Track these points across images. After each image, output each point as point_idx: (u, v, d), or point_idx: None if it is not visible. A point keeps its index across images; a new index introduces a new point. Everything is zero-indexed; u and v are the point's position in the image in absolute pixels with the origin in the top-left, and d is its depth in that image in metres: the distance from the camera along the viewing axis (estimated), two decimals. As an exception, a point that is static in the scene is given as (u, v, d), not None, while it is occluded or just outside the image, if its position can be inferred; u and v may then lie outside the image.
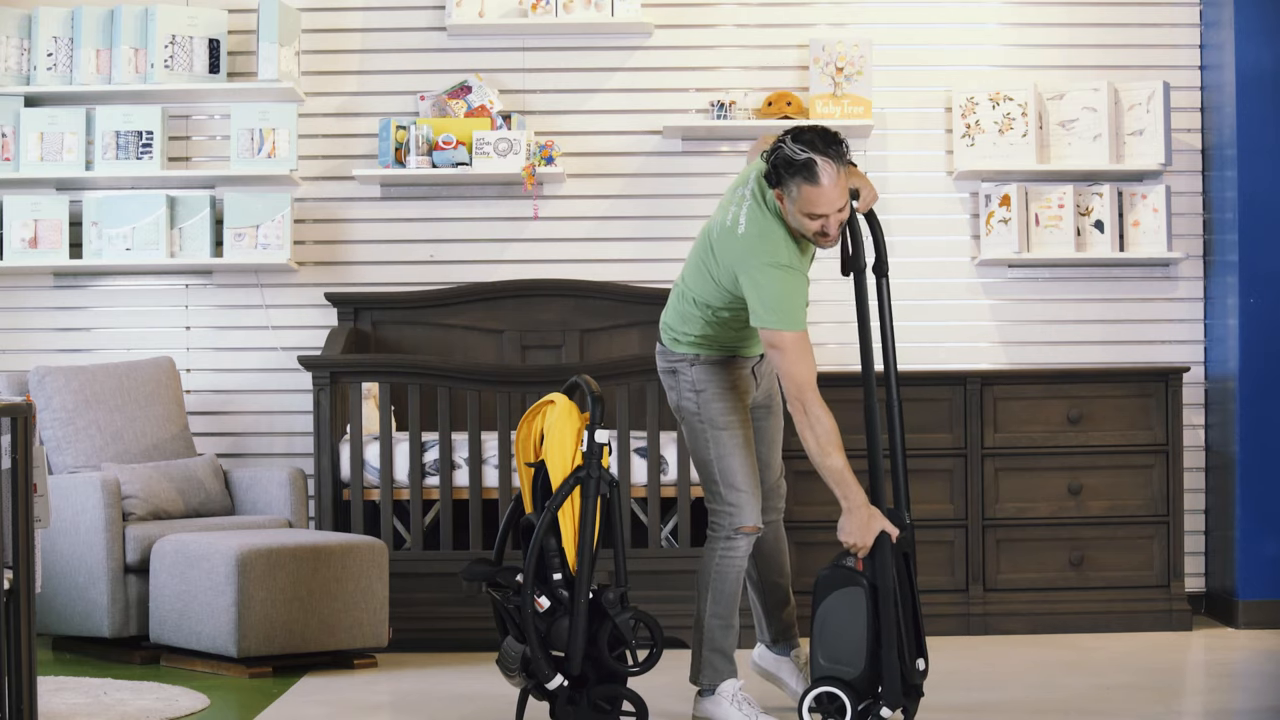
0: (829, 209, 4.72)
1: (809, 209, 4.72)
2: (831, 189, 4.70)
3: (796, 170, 4.69)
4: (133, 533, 6.28)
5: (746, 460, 5.04)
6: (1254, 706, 5.52)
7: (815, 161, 4.68)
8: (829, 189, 4.69)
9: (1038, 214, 7.26)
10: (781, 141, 4.75)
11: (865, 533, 4.73)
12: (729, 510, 5.04)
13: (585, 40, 7.38)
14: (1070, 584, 6.91)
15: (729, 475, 5.03)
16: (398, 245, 7.37)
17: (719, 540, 5.06)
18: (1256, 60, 7.04)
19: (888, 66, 7.35)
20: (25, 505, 4.37)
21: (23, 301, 7.34)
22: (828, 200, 4.70)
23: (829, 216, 4.74)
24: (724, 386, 5.06)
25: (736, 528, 5.04)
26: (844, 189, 4.73)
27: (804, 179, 4.69)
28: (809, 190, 4.69)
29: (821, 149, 4.69)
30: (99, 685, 5.71)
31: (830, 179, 4.69)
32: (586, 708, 4.84)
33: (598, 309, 7.25)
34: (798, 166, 4.69)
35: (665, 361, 5.16)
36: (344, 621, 6.11)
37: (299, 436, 7.31)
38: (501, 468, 6.63)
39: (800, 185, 4.70)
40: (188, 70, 7.13)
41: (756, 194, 4.89)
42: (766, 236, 4.83)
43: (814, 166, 4.68)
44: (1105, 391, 6.94)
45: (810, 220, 4.75)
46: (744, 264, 4.83)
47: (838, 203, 4.72)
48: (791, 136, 4.74)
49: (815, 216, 4.74)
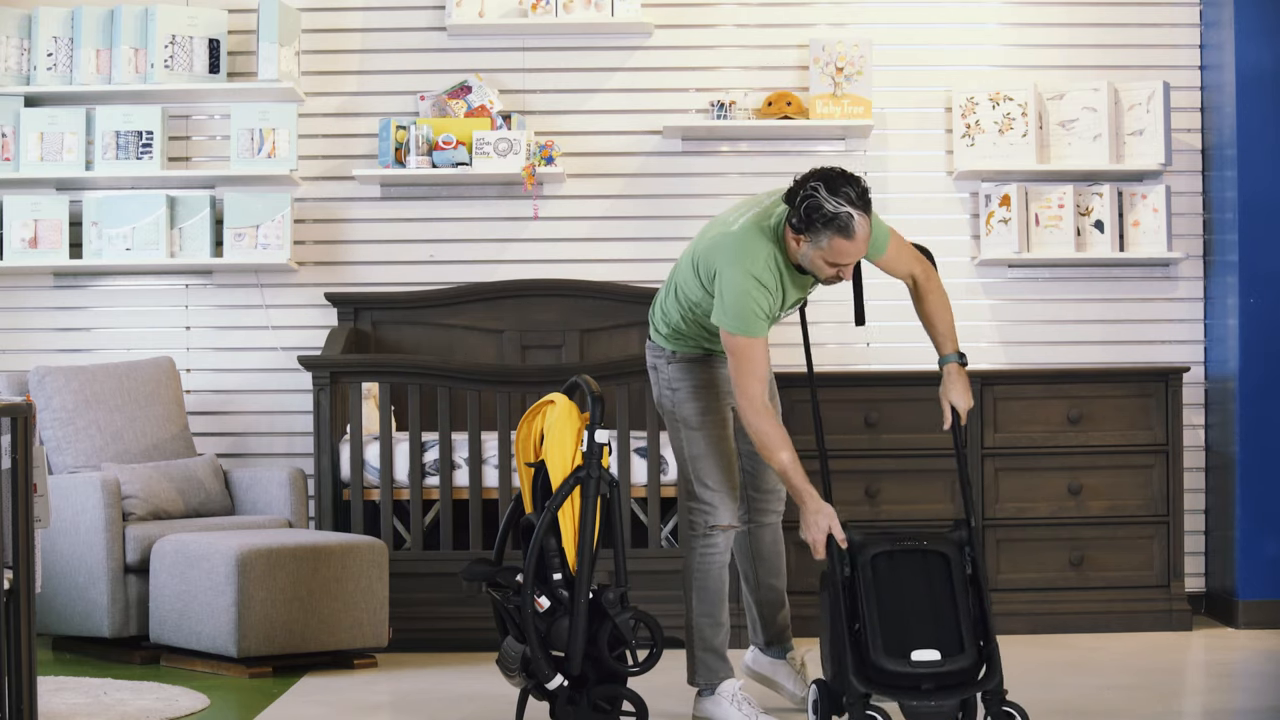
0: (854, 258, 4.81)
1: (835, 259, 4.79)
2: (863, 244, 4.78)
3: (830, 222, 4.72)
4: (133, 533, 6.28)
5: (719, 460, 5.10)
6: (1254, 706, 5.53)
7: (853, 218, 4.72)
8: (860, 244, 4.77)
9: (1038, 214, 7.26)
10: (814, 190, 4.74)
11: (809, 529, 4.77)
12: (704, 509, 5.11)
13: (585, 40, 7.38)
14: (1070, 584, 6.91)
15: (701, 474, 5.11)
16: (398, 245, 7.37)
17: (697, 539, 5.15)
18: (1256, 60, 7.04)
19: (888, 66, 7.35)
20: (25, 505, 4.37)
21: (23, 301, 7.34)
22: (856, 253, 4.79)
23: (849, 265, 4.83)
24: (697, 385, 5.13)
25: (711, 525, 5.11)
26: (867, 241, 4.81)
27: (837, 232, 4.73)
28: (841, 243, 4.75)
29: (858, 204, 4.73)
30: (99, 685, 5.71)
31: (864, 235, 4.76)
32: (586, 708, 4.84)
33: (598, 309, 7.25)
34: (833, 220, 4.72)
35: (650, 356, 5.27)
36: (344, 621, 6.11)
37: (299, 436, 7.31)
38: (501, 468, 6.63)
39: (833, 238, 4.74)
40: (188, 70, 7.13)
41: (764, 214, 4.92)
42: (753, 248, 4.87)
43: (851, 223, 4.72)
44: (1105, 391, 6.94)
45: (829, 267, 4.82)
46: (724, 261, 4.88)
47: (863, 252, 4.82)
48: (826, 186, 4.74)
49: (835, 265, 4.81)
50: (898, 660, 4.53)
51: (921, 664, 4.53)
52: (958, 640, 4.60)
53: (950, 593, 4.67)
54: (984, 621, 4.67)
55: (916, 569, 4.70)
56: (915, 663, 4.53)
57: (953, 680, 4.57)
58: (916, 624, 4.61)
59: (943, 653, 4.56)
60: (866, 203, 4.77)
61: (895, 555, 4.71)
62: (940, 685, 4.55)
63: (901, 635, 4.57)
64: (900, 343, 7.30)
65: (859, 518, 6.05)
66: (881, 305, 7.34)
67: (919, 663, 4.53)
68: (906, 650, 4.54)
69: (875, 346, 7.33)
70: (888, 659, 4.51)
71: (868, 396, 6.88)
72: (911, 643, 4.56)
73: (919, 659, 4.54)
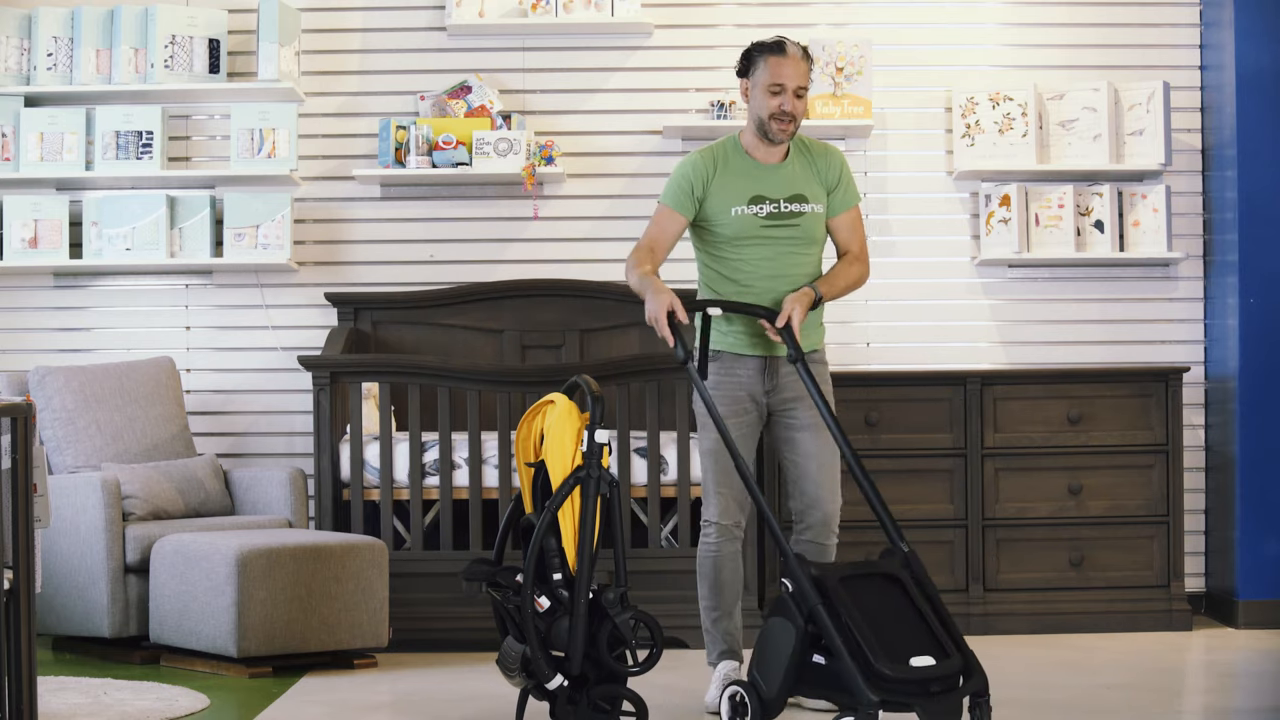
0: (790, 82, 5.14)
1: (772, 80, 5.16)
2: (795, 64, 5.17)
3: (765, 47, 5.20)
4: (133, 533, 6.28)
5: (715, 462, 5.32)
6: (1254, 706, 5.53)
7: (784, 40, 5.20)
8: (794, 60, 5.17)
9: (1038, 214, 7.26)
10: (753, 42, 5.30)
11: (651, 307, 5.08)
12: (704, 504, 5.38)
13: (585, 40, 7.38)
14: (1070, 584, 6.91)
15: (703, 471, 5.37)
16: (398, 245, 7.37)
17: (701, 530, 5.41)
18: (1256, 60, 7.04)
19: (888, 66, 7.35)
20: (25, 505, 4.37)
21: (23, 301, 7.34)
22: (791, 72, 5.15)
23: (787, 94, 5.15)
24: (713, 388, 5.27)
25: (704, 520, 5.37)
26: (806, 73, 5.19)
27: (771, 51, 5.18)
28: (774, 61, 5.17)
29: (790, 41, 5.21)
30: (99, 685, 5.71)
31: (796, 53, 5.18)
32: (586, 708, 4.84)
33: (598, 309, 7.25)
34: (768, 45, 5.20)
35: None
36: (344, 621, 6.11)
37: (299, 436, 7.31)
38: (501, 468, 6.63)
39: (766, 58, 5.19)
40: (188, 70, 7.13)
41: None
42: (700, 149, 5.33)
43: (784, 41, 5.20)
44: (1105, 391, 6.94)
45: (771, 98, 5.16)
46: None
47: (798, 79, 5.16)
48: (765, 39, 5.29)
49: (776, 91, 5.14)
50: (901, 668, 4.57)
51: (924, 669, 4.58)
52: (941, 646, 4.69)
53: (914, 606, 4.78)
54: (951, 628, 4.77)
55: (878, 589, 4.79)
56: (917, 668, 4.59)
57: (952, 683, 4.65)
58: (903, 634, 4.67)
59: (935, 658, 4.62)
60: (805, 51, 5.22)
61: (858, 578, 4.78)
62: (945, 688, 4.62)
63: (895, 645, 4.62)
64: (900, 343, 7.31)
65: (859, 518, 6.02)
66: (882, 305, 7.36)
67: (921, 668, 4.59)
68: (904, 658, 4.59)
69: (875, 346, 7.33)
70: (892, 667, 4.55)
71: (868, 396, 6.88)
72: (907, 651, 4.62)
73: (919, 665, 4.60)
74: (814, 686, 4.75)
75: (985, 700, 4.69)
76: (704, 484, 5.36)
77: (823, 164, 5.30)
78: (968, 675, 4.70)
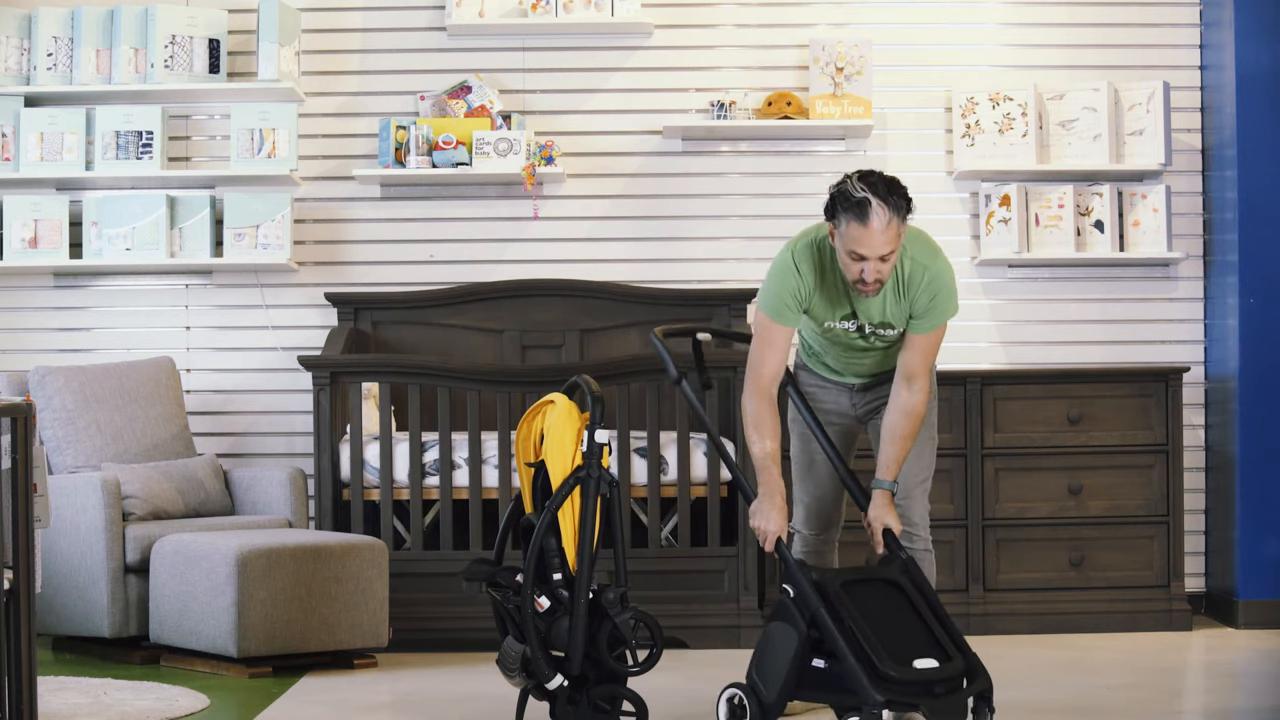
0: (871, 253, 4.75)
1: (852, 247, 4.76)
2: (879, 234, 4.73)
3: (850, 206, 4.75)
4: (133, 533, 6.28)
5: (794, 468, 5.28)
6: (1254, 706, 5.53)
7: (870, 203, 4.72)
8: (876, 233, 4.73)
9: (1038, 214, 7.26)
10: (846, 178, 4.82)
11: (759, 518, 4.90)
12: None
13: (585, 40, 7.38)
14: (1070, 584, 6.91)
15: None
16: (398, 245, 7.37)
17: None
18: (1256, 60, 7.04)
19: (888, 66, 7.35)
20: (25, 505, 4.37)
21: (23, 301, 7.34)
22: (871, 243, 4.74)
23: (869, 263, 4.77)
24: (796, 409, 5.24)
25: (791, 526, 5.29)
26: (892, 239, 4.75)
27: (854, 216, 4.73)
28: (856, 229, 4.74)
29: (882, 194, 4.74)
30: (99, 685, 5.71)
31: (880, 224, 4.72)
32: (586, 708, 4.84)
33: (598, 309, 7.25)
34: (852, 203, 4.75)
35: None
36: (344, 621, 6.11)
37: (299, 436, 7.31)
38: (501, 468, 6.63)
39: (850, 222, 4.75)
40: (188, 70, 7.13)
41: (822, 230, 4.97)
42: (803, 239, 4.97)
43: (867, 207, 4.72)
44: (1105, 391, 6.94)
45: (852, 262, 4.79)
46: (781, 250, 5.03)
47: (881, 249, 4.74)
48: (859, 175, 4.81)
49: (856, 258, 4.77)
50: (905, 670, 4.58)
51: (928, 670, 4.60)
52: (942, 649, 4.71)
53: (914, 610, 4.79)
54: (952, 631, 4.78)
55: (880, 594, 4.80)
56: (922, 670, 4.60)
57: (955, 684, 4.68)
58: (905, 637, 4.69)
59: (938, 660, 4.64)
60: (897, 204, 4.75)
61: (859, 583, 4.79)
62: (949, 689, 4.63)
63: (898, 648, 4.64)
64: (900, 343, 7.30)
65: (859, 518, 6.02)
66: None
67: (925, 670, 4.60)
68: (908, 660, 4.61)
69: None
70: (896, 669, 4.57)
71: (868, 396, 6.87)
72: (910, 653, 4.63)
73: (923, 666, 4.61)
74: (814, 690, 4.75)
75: (989, 701, 4.69)
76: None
77: (915, 296, 4.93)
78: (971, 677, 4.71)
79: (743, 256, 7.33)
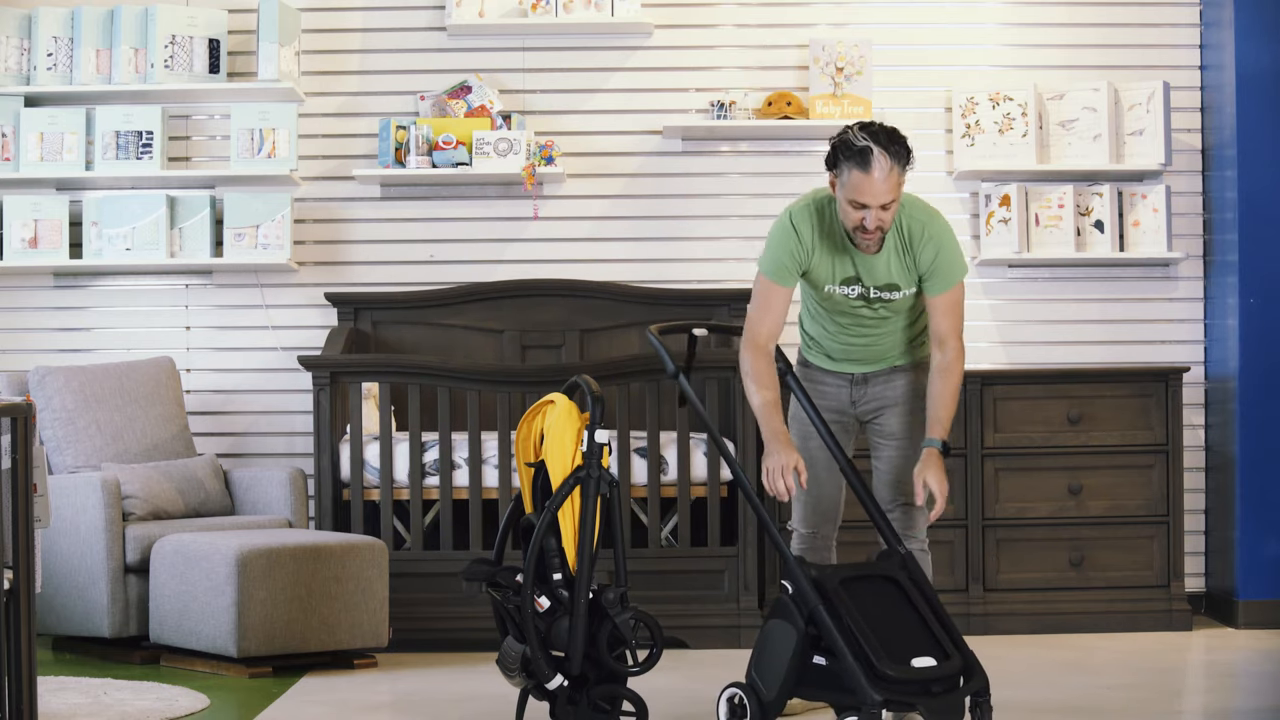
0: (872, 201, 4.78)
1: (854, 195, 4.79)
2: (880, 182, 4.76)
3: (852, 155, 4.79)
4: (133, 533, 6.28)
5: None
6: (1254, 706, 5.53)
7: (872, 150, 4.76)
8: (877, 181, 4.76)
9: (1038, 214, 7.26)
10: (848, 128, 4.86)
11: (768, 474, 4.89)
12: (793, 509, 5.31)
13: (585, 40, 7.38)
14: (1070, 584, 6.91)
15: None
16: (398, 245, 7.37)
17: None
18: (1256, 60, 7.04)
19: (888, 66, 7.35)
20: (25, 505, 4.37)
21: (23, 301, 7.34)
22: (873, 191, 4.77)
23: (870, 210, 4.80)
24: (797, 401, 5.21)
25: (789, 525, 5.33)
26: (894, 188, 4.79)
27: (856, 164, 4.77)
28: (858, 176, 4.77)
29: (883, 143, 4.79)
30: (99, 685, 5.71)
31: (882, 172, 4.76)
32: (586, 708, 4.84)
33: (598, 309, 7.26)
34: (854, 151, 4.79)
35: None
36: (344, 621, 6.11)
37: (299, 436, 7.31)
38: (501, 468, 6.63)
39: (851, 170, 4.78)
40: (188, 70, 7.13)
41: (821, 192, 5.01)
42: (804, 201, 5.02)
43: (869, 155, 4.76)
44: (1105, 391, 6.94)
45: (853, 210, 4.82)
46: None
47: (882, 197, 4.78)
48: (860, 125, 4.86)
49: (858, 206, 4.80)
50: (903, 668, 4.58)
51: (926, 669, 4.60)
52: (940, 647, 4.71)
53: (913, 608, 4.78)
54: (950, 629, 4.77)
55: (878, 591, 4.80)
56: (920, 669, 4.60)
57: (953, 683, 4.67)
58: (904, 635, 4.69)
59: (935, 659, 4.63)
60: (898, 152, 4.79)
61: (857, 580, 4.78)
62: (946, 688, 4.63)
63: (896, 646, 4.63)
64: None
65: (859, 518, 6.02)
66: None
67: (923, 668, 4.60)
68: (906, 659, 4.60)
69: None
70: (894, 667, 4.56)
71: (868, 396, 6.87)
72: (908, 652, 4.63)
73: (920, 665, 4.61)
74: (814, 688, 4.75)
75: (986, 700, 4.69)
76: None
77: (919, 252, 4.95)
78: (968, 675, 4.71)
79: (743, 256, 7.33)
